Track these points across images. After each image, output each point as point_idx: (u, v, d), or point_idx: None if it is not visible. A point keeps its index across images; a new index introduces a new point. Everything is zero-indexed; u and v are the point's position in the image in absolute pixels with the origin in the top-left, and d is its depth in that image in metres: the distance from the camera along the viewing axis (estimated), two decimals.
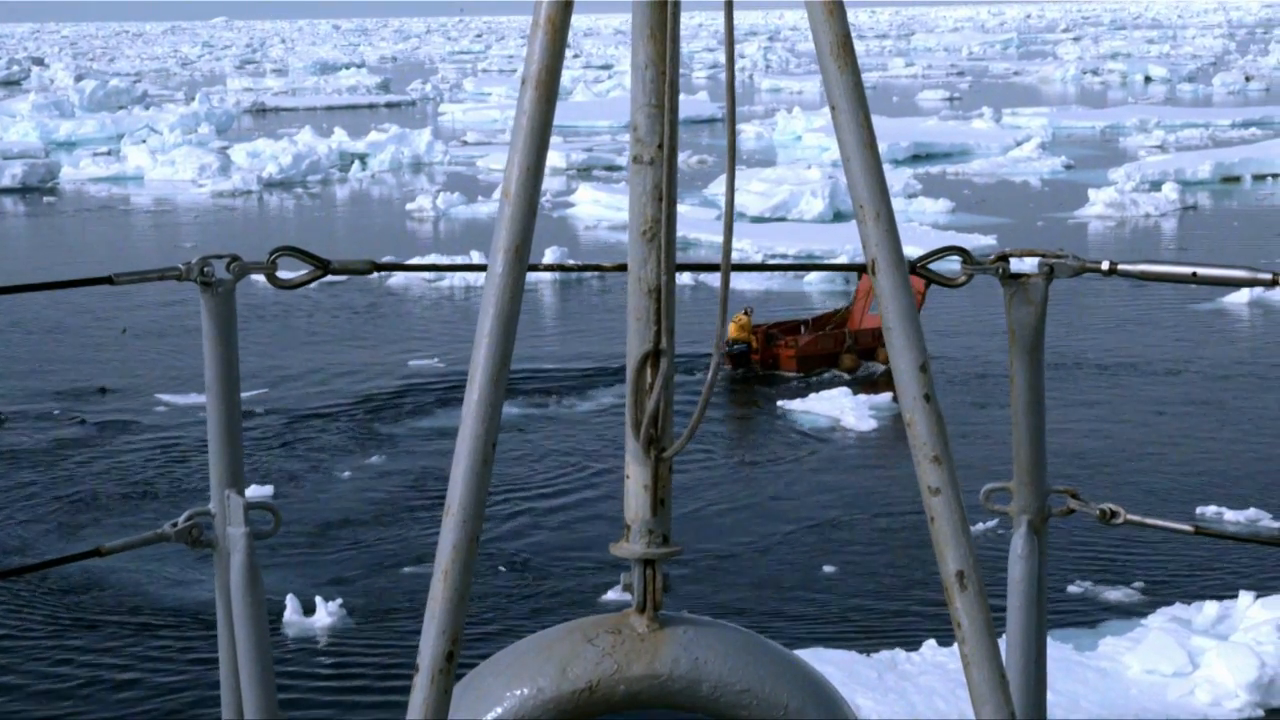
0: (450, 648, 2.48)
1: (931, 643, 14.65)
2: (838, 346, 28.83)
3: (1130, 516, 3.25)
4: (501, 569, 18.69)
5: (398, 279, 37.63)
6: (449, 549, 2.50)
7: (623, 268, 2.67)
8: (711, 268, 2.82)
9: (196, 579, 17.90)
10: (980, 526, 16.47)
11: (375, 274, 3.55)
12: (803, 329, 29.67)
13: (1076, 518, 3.35)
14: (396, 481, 22.46)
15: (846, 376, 28.07)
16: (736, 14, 2.54)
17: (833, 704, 2.69)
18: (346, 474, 22.72)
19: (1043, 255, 3.17)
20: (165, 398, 27.06)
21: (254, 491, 20.06)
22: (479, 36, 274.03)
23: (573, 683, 2.61)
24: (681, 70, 2.62)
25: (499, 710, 2.62)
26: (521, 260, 2.52)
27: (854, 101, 2.48)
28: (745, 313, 29.30)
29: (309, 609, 16.89)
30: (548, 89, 2.52)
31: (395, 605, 17.65)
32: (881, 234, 2.50)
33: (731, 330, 28.92)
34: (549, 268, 3.88)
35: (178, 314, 33.40)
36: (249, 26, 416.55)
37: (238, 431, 3.38)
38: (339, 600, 17.25)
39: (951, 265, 3.28)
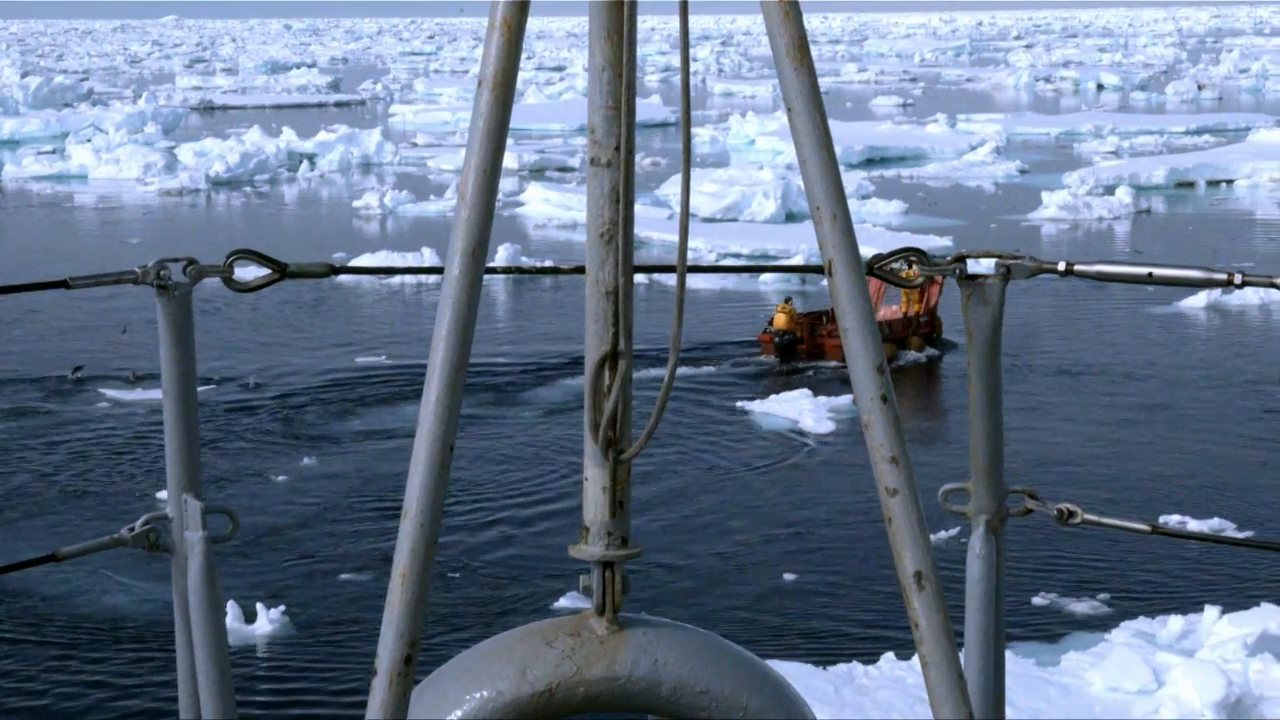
0: (408, 651, 2.46)
1: (890, 655, 14.34)
2: None
3: (1088, 516, 3.25)
4: (459, 572, 18.62)
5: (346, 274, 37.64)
6: (407, 552, 2.48)
7: (581, 270, 2.66)
8: (669, 269, 2.80)
9: (148, 582, 17.75)
10: (941, 535, 16.45)
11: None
12: (824, 319, 30.18)
13: (1036, 522, 3.36)
14: (339, 484, 22.35)
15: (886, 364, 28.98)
16: (689, 17, 2.53)
17: (793, 705, 2.69)
18: (283, 477, 22.57)
19: (999, 256, 3.17)
20: (109, 393, 26.88)
21: None
22: (431, 38, 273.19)
23: (532, 685, 2.60)
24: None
25: (458, 713, 2.60)
26: (478, 262, 2.50)
27: (810, 103, 2.47)
28: (787, 301, 29.79)
29: (250, 616, 16.75)
30: (504, 91, 2.50)
31: (344, 606, 17.56)
32: (838, 236, 2.49)
33: (779, 321, 29.45)
34: (507, 270, 3.85)
35: (108, 308, 33.17)
36: (199, 25, 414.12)
37: (195, 435, 3.34)
38: (282, 607, 17.12)
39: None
